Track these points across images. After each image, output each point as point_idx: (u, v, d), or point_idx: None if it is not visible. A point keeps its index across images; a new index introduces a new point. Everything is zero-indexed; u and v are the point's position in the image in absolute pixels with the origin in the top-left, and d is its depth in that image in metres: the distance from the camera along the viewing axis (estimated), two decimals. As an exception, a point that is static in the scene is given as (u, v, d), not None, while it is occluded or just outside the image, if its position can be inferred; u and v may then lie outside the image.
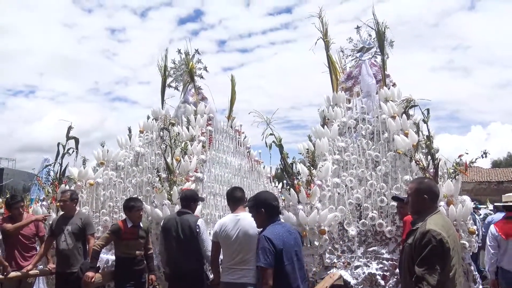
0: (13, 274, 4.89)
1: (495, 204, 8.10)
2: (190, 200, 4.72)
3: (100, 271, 4.88)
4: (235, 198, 4.09)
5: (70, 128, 6.77)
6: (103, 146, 7.26)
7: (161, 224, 4.67)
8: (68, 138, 6.78)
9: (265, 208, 3.40)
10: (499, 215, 7.24)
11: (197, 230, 4.42)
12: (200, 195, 5.49)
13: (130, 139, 7.56)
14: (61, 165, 6.69)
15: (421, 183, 2.97)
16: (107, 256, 6.00)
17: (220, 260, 4.09)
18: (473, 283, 4.75)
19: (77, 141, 6.82)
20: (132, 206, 4.75)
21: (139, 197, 5.74)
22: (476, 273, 4.93)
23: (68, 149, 6.75)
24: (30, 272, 5.01)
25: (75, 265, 4.79)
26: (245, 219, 3.88)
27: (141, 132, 7.68)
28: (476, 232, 5.02)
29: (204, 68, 7.85)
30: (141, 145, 7.38)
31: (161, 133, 7.09)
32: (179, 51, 7.96)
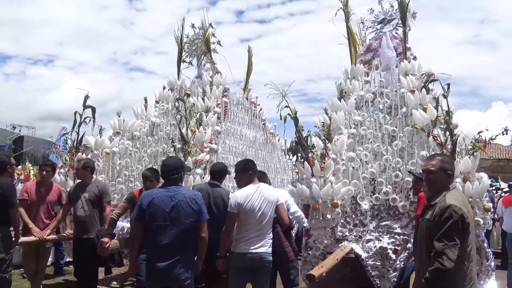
0: (31, 238, 5.04)
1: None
2: (224, 173, 4.74)
3: (115, 238, 4.99)
4: (254, 169, 4.08)
5: (87, 97, 6.83)
6: (119, 116, 7.32)
7: None
8: (85, 107, 6.86)
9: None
10: None
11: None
12: None
13: (146, 109, 7.61)
14: (78, 133, 6.80)
15: (444, 160, 2.88)
16: (123, 224, 6.14)
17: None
18: (485, 260, 4.73)
19: (93, 110, 6.89)
20: (143, 176, 4.83)
21: (154, 167, 5.79)
22: (489, 250, 4.91)
23: (85, 118, 6.83)
24: (47, 237, 5.16)
25: (91, 232, 4.90)
26: (266, 189, 3.94)
27: (156, 102, 7.71)
28: (492, 210, 4.97)
29: (218, 42, 7.77)
30: (157, 115, 7.41)
31: (177, 103, 7.10)
32: (192, 26, 7.87)
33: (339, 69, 6.91)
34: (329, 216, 5.13)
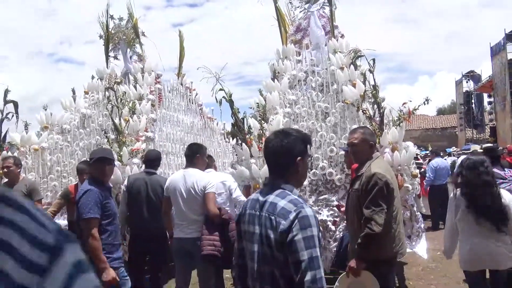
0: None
1: (433, 149, 9.12)
2: (158, 160, 4.74)
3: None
4: (185, 154, 4.10)
5: (7, 91, 6.38)
6: (45, 110, 6.90)
7: (125, 183, 4.55)
8: (6, 102, 6.41)
9: None
10: (438, 160, 8.22)
11: None
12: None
13: (74, 101, 7.24)
14: (0, 130, 6.34)
15: (365, 132, 3.03)
16: (59, 221, 5.87)
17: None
18: (415, 223, 5.08)
19: (16, 105, 6.46)
20: (78, 169, 4.64)
21: (88, 160, 5.56)
22: (418, 213, 5.26)
23: (7, 114, 6.38)
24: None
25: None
26: (190, 175, 3.86)
27: (86, 93, 7.35)
28: (419, 176, 5.32)
29: (142, 33, 7.57)
30: (87, 106, 7.09)
31: (107, 93, 6.83)
32: (111, 17, 7.57)
33: (273, 50, 6.97)
34: (269, 195, 5.22)
